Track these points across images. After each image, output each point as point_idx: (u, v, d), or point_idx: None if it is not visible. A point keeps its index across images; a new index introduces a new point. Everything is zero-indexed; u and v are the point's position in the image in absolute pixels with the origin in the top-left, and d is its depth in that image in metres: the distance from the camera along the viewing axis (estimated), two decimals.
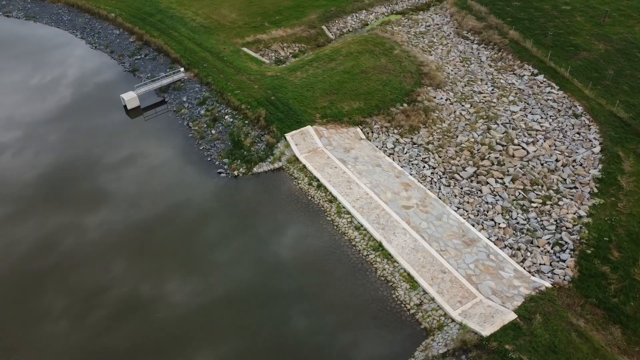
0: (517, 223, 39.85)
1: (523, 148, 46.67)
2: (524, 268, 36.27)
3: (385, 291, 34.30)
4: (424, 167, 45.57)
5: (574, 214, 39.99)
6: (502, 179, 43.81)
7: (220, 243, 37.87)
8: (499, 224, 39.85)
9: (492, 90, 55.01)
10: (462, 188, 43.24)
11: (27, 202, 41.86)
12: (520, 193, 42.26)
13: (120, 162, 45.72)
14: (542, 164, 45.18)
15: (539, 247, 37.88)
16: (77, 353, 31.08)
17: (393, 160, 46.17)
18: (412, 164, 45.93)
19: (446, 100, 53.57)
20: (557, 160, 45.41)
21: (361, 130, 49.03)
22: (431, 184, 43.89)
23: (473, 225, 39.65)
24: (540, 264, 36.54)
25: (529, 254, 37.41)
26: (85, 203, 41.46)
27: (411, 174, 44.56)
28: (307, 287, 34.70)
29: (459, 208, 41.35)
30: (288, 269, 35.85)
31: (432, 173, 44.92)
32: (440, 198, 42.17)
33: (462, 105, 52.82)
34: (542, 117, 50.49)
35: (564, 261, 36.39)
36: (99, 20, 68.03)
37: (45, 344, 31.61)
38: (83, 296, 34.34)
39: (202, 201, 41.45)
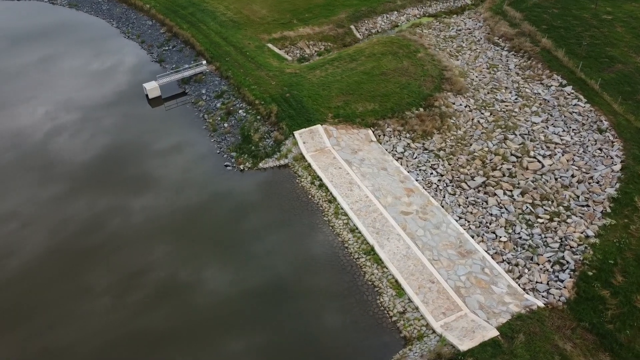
0: (520, 238, 38.55)
1: (538, 161, 45.05)
2: (519, 285, 35.08)
3: (370, 296, 33.98)
4: (432, 173, 44.73)
5: (582, 233, 38.29)
6: (511, 191, 42.44)
7: (210, 235, 38.47)
8: (500, 237, 38.66)
9: (516, 99, 53.32)
10: (467, 198, 42.18)
11: (40, 181, 43.99)
12: (527, 207, 40.83)
13: (131, 149, 47.17)
14: (556, 179, 43.48)
15: (538, 264, 36.52)
16: (114, 330, 32.21)
17: (401, 164, 45.54)
18: (420, 170, 45.16)
19: (465, 107, 52.33)
20: (572, 176, 43.59)
21: (373, 132, 48.60)
22: (436, 191, 43.04)
23: (472, 237, 38.63)
24: (536, 282, 35.24)
25: (526, 270, 36.14)
26: (85, 184, 43.27)
27: (417, 180, 43.84)
28: (292, 285, 34.81)
29: (460, 218, 40.37)
30: (275, 266, 36.05)
31: (439, 180, 44.04)
32: (443, 206, 41.30)
33: (482, 113, 51.47)
34: (563, 130, 48.57)
35: (562, 281, 34.95)
36: (134, 10, 70.36)
37: (87, 319, 32.84)
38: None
39: (203, 193, 42.24)
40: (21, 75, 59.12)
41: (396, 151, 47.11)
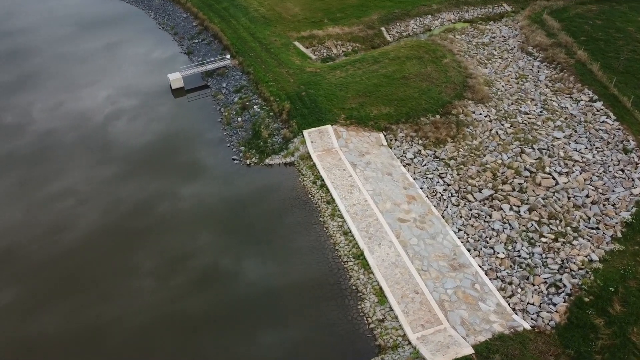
0: (519, 256, 37.11)
1: (553, 178, 43.19)
2: (509, 304, 33.81)
3: (352, 300, 33.67)
4: (438, 182, 43.74)
5: (586, 256, 36.47)
6: (518, 206, 40.91)
7: (201, 226, 39.11)
8: (498, 253, 37.36)
9: (541, 112, 51.29)
10: (470, 210, 40.97)
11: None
12: (533, 225, 39.25)
13: (142, 137, 48.55)
14: (568, 198, 41.56)
15: (533, 284, 35.07)
16: (156, 310, 33.32)
17: (408, 171, 44.77)
18: (427, 178, 44.24)
19: (485, 116, 50.81)
20: (587, 196, 41.53)
21: (384, 136, 47.99)
22: (440, 200, 42.05)
23: (469, 250, 37.54)
24: (528, 303, 33.85)
25: (519, 290, 34.78)
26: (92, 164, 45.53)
27: (422, 188, 42.98)
28: (273, 282, 34.91)
29: (460, 230, 39.28)
30: (260, 263, 36.27)
31: (444, 190, 43.01)
32: (443, 216, 40.33)
33: (501, 124, 49.82)
34: (586, 148, 46.35)
35: (554, 304, 33.42)
36: (171, 3, 72.50)
37: (131, 298, 34.08)
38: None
39: (206, 184, 43.00)
40: (61, 60, 62.31)
41: (405, 157, 46.33)
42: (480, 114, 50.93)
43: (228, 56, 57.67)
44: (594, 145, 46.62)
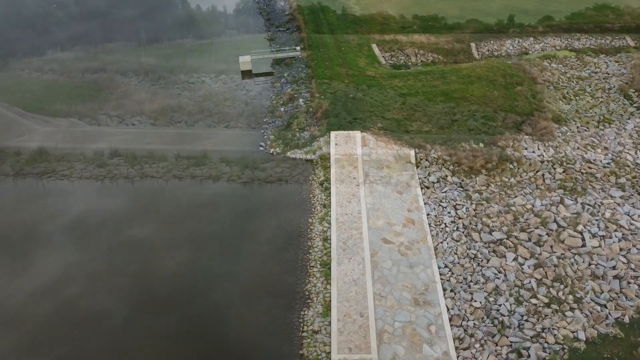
0: (497, 310, 33.67)
1: (582, 238, 38.07)
2: (458, 356, 31.06)
3: (298, 305, 33.56)
4: (449, 213, 41.01)
5: (573, 332, 31.93)
6: (525, 259, 36.92)
7: (190, 202, 41.33)
8: (475, 301, 34.27)
9: (607, 163, 45.10)
10: (469, 249, 37.90)
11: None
12: (530, 282, 35.24)
13: (186, 110, 52.47)
14: (589, 264, 36.41)
15: (496, 344, 31.72)
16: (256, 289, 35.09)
17: (423, 194, 42.57)
18: (440, 205, 41.69)
19: (538, 155, 46.07)
20: (613, 268, 36.02)
21: (415, 154, 46.02)
22: (441, 232, 39.50)
23: (444, 290, 34.98)
24: None
25: (477, 345, 31.72)
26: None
27: (428, 214, 40.70)
28: (236, 271, 35.79)
29: (446, 266, 36.66)
30: (234, 249, 37.34)
31: (452, 222, 40.24)
32: (436, 249, 37.91)
33: (553, 169, 44.81)
34: None
35: None
36: None
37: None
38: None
39: (221, 163, 45.14)
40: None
41: (428, 179, 44.04)
42: (533, 152, 46.27)
43: (298, 48, 59.25)
44: None
